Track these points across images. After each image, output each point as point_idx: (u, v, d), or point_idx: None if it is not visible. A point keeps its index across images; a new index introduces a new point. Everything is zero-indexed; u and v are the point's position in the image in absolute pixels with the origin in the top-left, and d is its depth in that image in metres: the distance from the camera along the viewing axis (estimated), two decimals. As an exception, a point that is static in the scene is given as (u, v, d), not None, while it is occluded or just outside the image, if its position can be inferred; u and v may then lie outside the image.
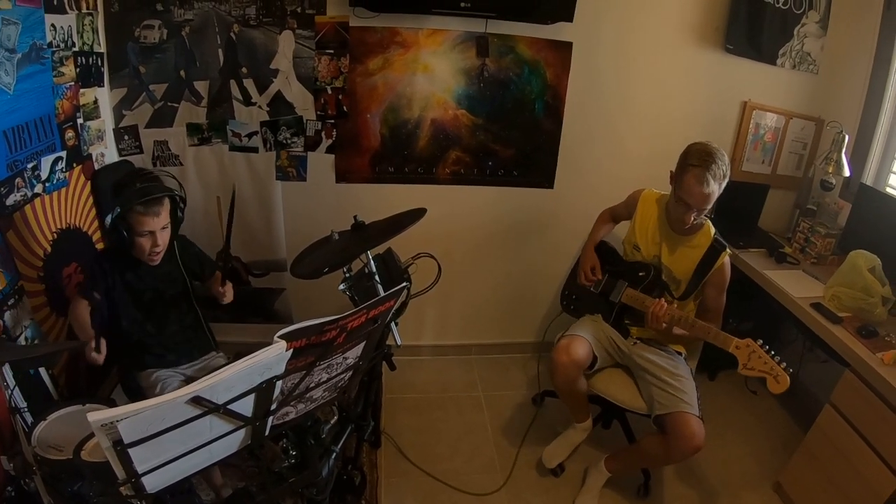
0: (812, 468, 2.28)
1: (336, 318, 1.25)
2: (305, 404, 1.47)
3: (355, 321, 1.33)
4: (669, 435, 2.08)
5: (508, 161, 2.82)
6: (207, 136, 2.60)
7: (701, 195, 2.04)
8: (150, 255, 1.92)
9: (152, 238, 1.88)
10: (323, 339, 1.27)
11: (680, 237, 2.24)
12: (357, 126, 2.66)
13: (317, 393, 1.47)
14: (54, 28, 2.01)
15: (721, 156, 2.04)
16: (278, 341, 1.16)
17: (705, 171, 2.01)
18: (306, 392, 1.40)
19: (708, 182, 2.01)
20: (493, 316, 3.21)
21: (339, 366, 1.45)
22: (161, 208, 1.86)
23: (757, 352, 1.91)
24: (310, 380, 1.36)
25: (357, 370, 1.55)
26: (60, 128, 2.09)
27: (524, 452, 2.61)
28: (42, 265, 2.00)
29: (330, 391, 1.53)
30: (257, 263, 2.86)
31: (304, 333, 1.21)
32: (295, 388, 1.32)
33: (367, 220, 2.18)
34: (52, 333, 2.05)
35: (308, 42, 2.50)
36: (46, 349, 1.66)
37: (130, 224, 1.83)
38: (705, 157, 2.03)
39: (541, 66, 2.64)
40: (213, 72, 2.50)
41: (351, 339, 1.39)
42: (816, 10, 2.68)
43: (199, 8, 2.39)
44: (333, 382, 1.50)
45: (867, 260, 2.32)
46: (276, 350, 1.16)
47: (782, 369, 1.87)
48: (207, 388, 1.08)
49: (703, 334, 2.07)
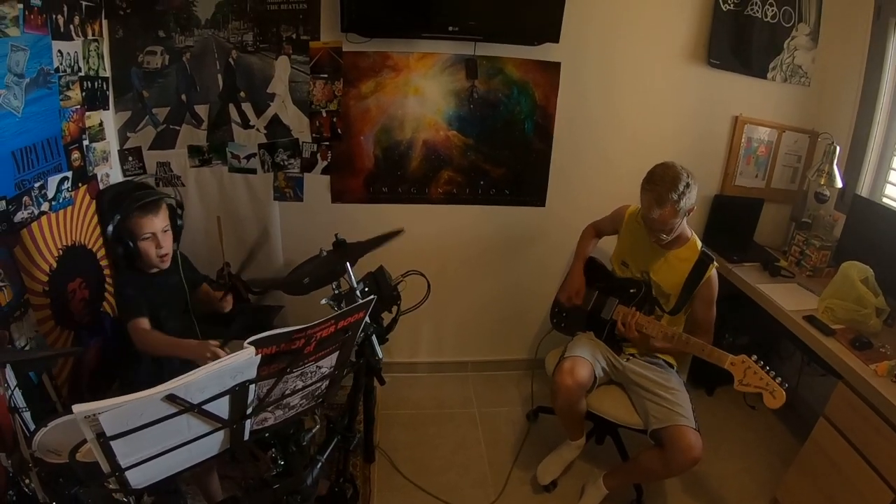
0: (807, 482, 2.24)
1: (304, 326, 1.29)
2: (283, 411, 1.51)
3: (324, 331, 1.38)
4: (667, 448, 2.08)
5: (500, 180, 2.86)
6: (208, 157, 2.69)
7: (650, 219, 2.11)
8: (160, 259, 1.99)
9: (155, 240, 1.96)
10: (292, 346, 1.31)
11: (666, 251, 2.25)
12: (351, 148, 2.74)
13: (294, 400, 1.51)
14: (61, 54, 2.12)
15: (676, 179, 2.05)
16: (248, 347, 1.21)
17: (653, 196, 2.07)
18: (282, 398, 1.44)
19: (653, 208, 2.07)
20: (487, 333, 3.23)
21: (314, 374, 1.49)
22: (159, 210, 1.96)
23: (752, 367, 1.91)
24: (283, 386, 1.40)
25: (334, 380, 1.59)
26: (67, 149, 2.18)
27: (518, 468, 2.61)
28: (47, 280, 2.07)
29: (308, 399, 1.57)
30: (256, 282, 2.92)
31: (274, 341, 1.26)
32: (268, 393, 1.37)
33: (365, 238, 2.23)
34: (56, 346, 2.10)
35: (303, 67, 2.59)
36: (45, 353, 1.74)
37: (132, 230, 1.92)
38: (657, 181, 2.07)
39: (529, 87, 2.70)
40: (212, 96, 2.60)
41: (322, 349, 1.42)
42: (806, 22, 2.71)
43: (199, 35, 2.50)
44: (310, 391, 1.53)
45: (860, 271, 2.31)
46: (245, 355, 1.20)
47: (778, 384, 1.87)
48: (182, 387, 1.12)
49: (698, 351, 2.07)
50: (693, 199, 2.09)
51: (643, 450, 2.25)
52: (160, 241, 1.98)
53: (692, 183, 2.07)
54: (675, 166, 2.10)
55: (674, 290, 2.24)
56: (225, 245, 2.79)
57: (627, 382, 2.33)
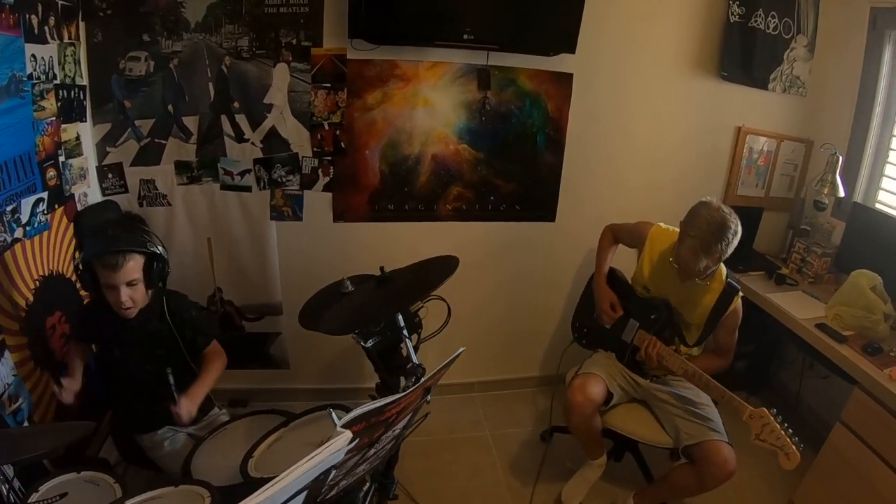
0: (825, 486, 2.28)
1: (397, 397, 1.18)
2: (347, 480, 1.36)
3: (412, 396, 1.26)
4: (701, 464, 2.05)
5: (510, 195, 2.77)
6: (197, 174, 2.46)
7: (692, 270, 2.01)
8: (124, 310, 1.76)
9: (117, 293, 1.72)
10: (381, 419, 1.19)
11: (692, 282, 2.15)
12: (355, 163, 2.57)
13: (361, 468, 1.36)
14: (35, 59, 1.87)
15: (724, 228, 1.92)
16: (342, 431, 1.05)
17: (698, 244, 1.94)
18: (354, 469, 1.29)
19: (700, 259, 1.95)
20: (494, 351, 3.13)
21: (388, 439, 1.36)
22: (123, 261, 1.71)
23: (770, 424, 1.83)
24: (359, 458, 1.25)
25: (399, 439, 1.45)
26: (41, 166, 1.93)
27: (538, 492, 2.52)
28: (24, 316, 1.84)
29: (370, 462, 1.42)
30: (251, 307, 2.71)
31: (364, 418, 1.12)
32: (347, 471, 1.21)
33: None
34: (37, 390, 1.88)
35: (304, 75, 2.40)
36: (49, 443, 1.43)
37: (96, 273, 1.70)
38: (706, 232, 1.92)
39: (542, 99, 2.62)
40: (203, 107, 2.38)
41: (404, 414, 1.31)
42: (804, 33, 2.76)
43: (188, 39, 2.27)
44: (379, 455, 1.40)
45: (869, 279, 2.37)
46: (341, 443, 1.05)
47: (794, 444, 1.79)
48: None
49: (718, 396, 2.00)
50: (737, 243, 1.96)
51: (675, 467, 2.22)
52: (120, 295, 1.72)
53: (738, 228, 1.95)
54: (720, 209, 1.96)
55: (698, 321, 2.19)
56: (216, 268, 2.60)
57: (652, 400, 2.29)
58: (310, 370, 2.93)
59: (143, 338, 1.86)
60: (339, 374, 2.95)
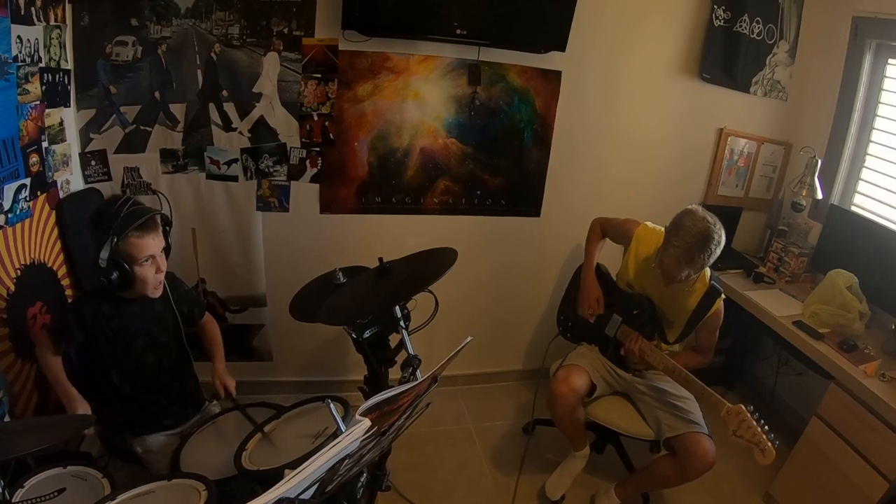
0: (802, 477, 2.36)
1: (411, 385, 1.20)
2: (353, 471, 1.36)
3: (423, 385, 1.27)
4: (682, 456, 2.10)
5: (497, 190, 2.78)
6: (183, 163, 2.42)
7: (674, 278, 2.02)
8: (155, 286, 1.74)
9: (155, 264, 1.70)
10: (394, 407, 1.20)
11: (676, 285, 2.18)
12: (344, 154, 2.55)
13: (365, 458, 1.35)
14: (20, 40, 1.81)
15: (708, 238, 1.92)
16: (361, 419, 1.04)
17: (681, 253, 1.94)
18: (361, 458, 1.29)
19: (683, 268, 1.96)
20: (478, 345, 3.08)
21: (394, 429, 1.36)
22: (158, 228, 1.71)
23: (747, 421, 1.84)
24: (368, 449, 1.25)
25: (402, 428, 1.45)
26: (24, 152, 1.86)
27: (522, 483, 2.55)
28: (5, 306, 1.78)
29: (373, 453, 1.42)
30: (235, 299, 2.67)
31: (380, 406, 1.12)
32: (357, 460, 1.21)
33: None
34: (17, 382, 1.83)
35: (294, 65, 2.38)
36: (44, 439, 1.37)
37: (128, 254, 1.64)
38: (690, 243, 1.92)
39: (530, 95, 2.64)
40: (190, 94, 2.33)
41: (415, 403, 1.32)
42: (787, 39, 2.83)
43: (177, 25, 2.23)
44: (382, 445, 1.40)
45: (846, 279, 2.45)
46: (360, 431, 1.04)
47: (770, 441, 1.81)
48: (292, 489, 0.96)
49: (697, 392, 2.04)
50: (720, 252, 1.98)
51: (656, 458, 2.27)
52: (160, 265, 1.72)
53: (722, 238, 1.96)
54: (704, 219, 1.95)
55: (680, 321, 2.23)
56: (200, 259, 2.56)
57: (635, 393, 2.34)
58: (293, 362, 2.91)
59: (148, 324, 1.82)
60: (323, 366, 2.94)
